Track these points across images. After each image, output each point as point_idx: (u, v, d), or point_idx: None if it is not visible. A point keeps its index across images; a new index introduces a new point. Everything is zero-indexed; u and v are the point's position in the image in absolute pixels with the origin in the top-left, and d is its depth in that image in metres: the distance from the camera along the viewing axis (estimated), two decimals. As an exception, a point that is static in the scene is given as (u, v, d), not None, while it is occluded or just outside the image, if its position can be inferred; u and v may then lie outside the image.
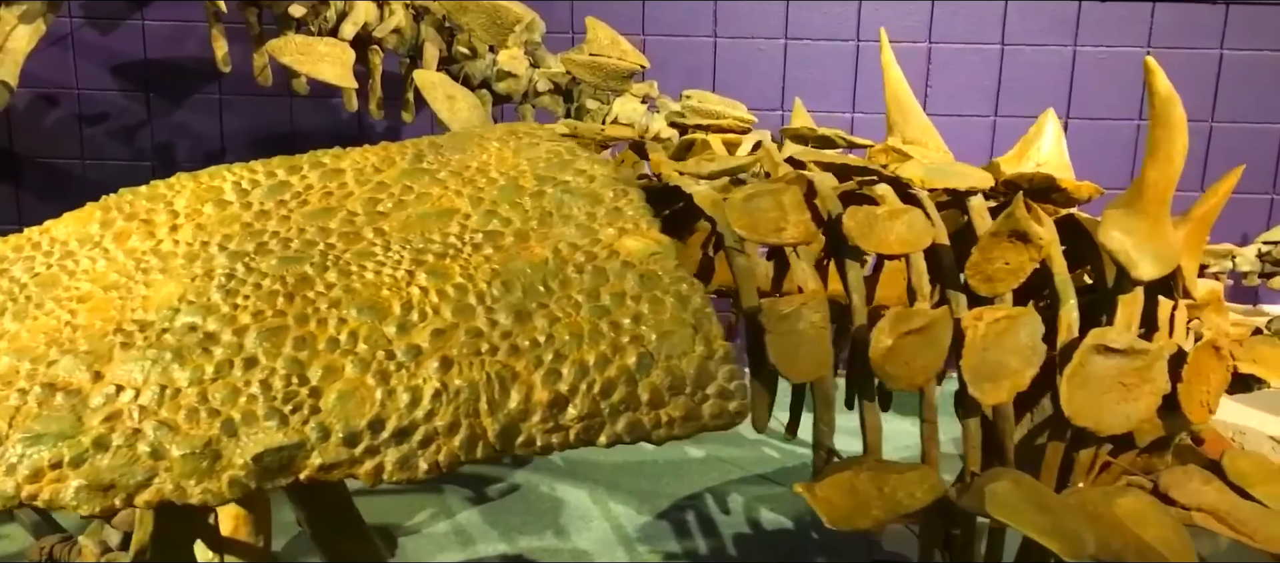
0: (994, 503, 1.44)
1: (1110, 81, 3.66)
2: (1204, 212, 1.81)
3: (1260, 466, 1.84)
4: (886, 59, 2.41)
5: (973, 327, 1.58)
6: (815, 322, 1.46)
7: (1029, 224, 1.59)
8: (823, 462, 1.51)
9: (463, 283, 1.36)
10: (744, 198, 1.54)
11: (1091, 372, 1.64)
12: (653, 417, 1.28)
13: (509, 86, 2.81)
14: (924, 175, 1.75)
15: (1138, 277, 1.68)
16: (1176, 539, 1.57)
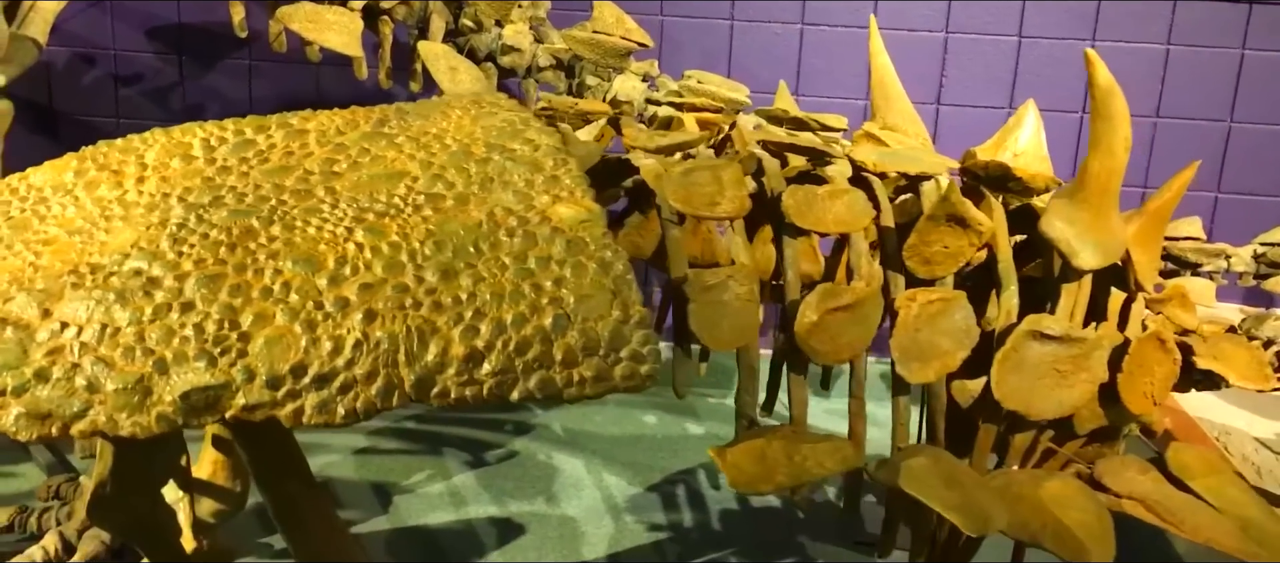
0: (906, 477, 1.48)
1: (1126, 78, 3.61)
2: (1158, 206, 1.83)
3: (1204, 459, 1.86)
4: (874, 45, 2.44)
5: (906, 307, 1.62)
6: (741, 293, 1.51)
7: (965, 209, 1.62)
8: (743, 429, 1.56)
9: (397, 241, 1.43)
10: (683, 172, 1.59)
11: (1026, 357, 1.68)
12: (565, 375, 1.35)
13: (513, 60, 2.88)
14: (878, 159, 1.78)
15: (1079, 266, 1.70)
16: (1097, 524, 1.60)
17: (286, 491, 1.50)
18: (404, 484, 3.21)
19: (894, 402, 1.67)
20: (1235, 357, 2.08)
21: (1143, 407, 1.82)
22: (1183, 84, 3.63)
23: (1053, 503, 1.61)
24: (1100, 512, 1.65)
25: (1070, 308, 1.75)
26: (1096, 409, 1.80)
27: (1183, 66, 3.62)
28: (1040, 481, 1.67)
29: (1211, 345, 2.08)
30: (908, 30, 3.67)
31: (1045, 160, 2.28)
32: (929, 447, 1.64)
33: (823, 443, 1.55)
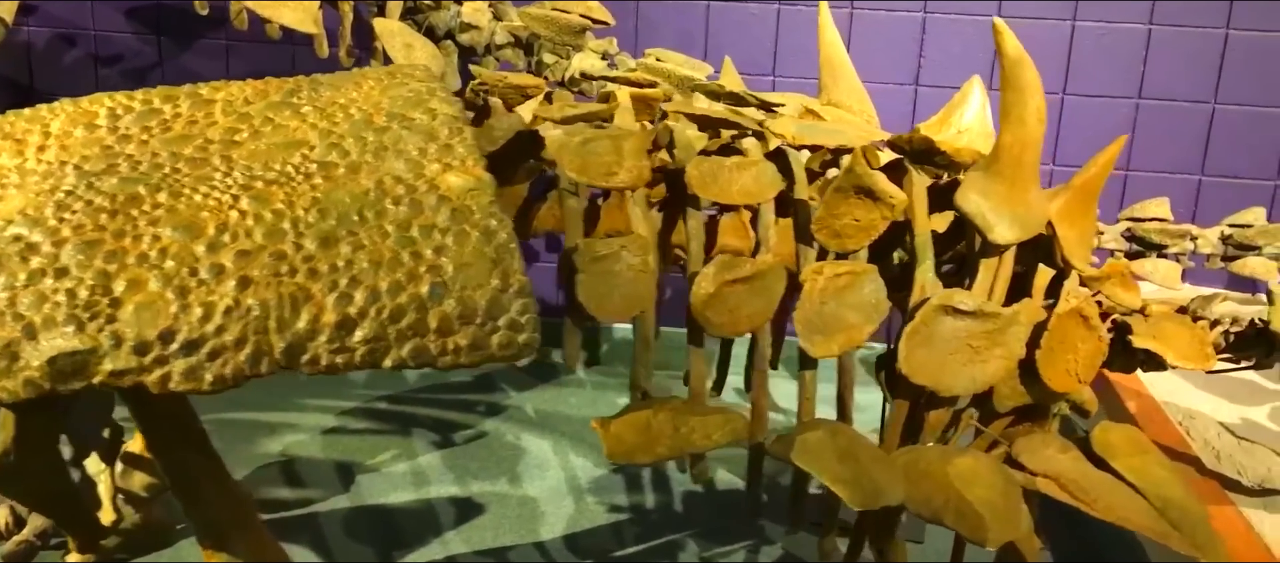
0: (799, 451, 1.46)
1: (1109, 59, 3.59)
2: (1084, 180, 1.80)
3: (1130, 438, 1.84)
4: (823, 20, 2.41)
5: (812, 280, 1.60)
6: (634, 264, 1.50)
7: (873, 180, 1.60)
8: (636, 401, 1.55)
9: (281, 209, 1.42)
10: (582, 141, 1.57)
11: (937, 331, 1.65)
12: (439, 344, 1.34)
13: (472, 38, 2.87)
14: (796, 132, 1.76)
15: (994, 240, 1.68)
16: (1002, 502, 1.57)
17: (178, 458, 1.50)
18: (368, 464, 3.22)
19: (801, 376, 1.65)
20: (1176, 337, 2.04)
21: (1066, 385, 1.79)
22: (1165, 65, 3.58)
23: (958, 480, 1.59)
24: (1008, 490, 1.63)
25: (989, 283, 1.72)
26: (1017, 387, 1.78)
27: (1165, 48, 3.56)
28: (950, 457, 1.64)
29: (1152, 325, 2.05)
30: (886, 9, 3.64)
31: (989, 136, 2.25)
32: (830, 421, 1.62)
33: (713, 416, 1.53)
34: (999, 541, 1.55)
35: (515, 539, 2.89)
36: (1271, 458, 2.52)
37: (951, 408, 1.75)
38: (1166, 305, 2.17)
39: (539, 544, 2.88)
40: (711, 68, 3.02)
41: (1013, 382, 1.76)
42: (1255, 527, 2.23)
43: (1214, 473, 2.46)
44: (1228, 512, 2.28)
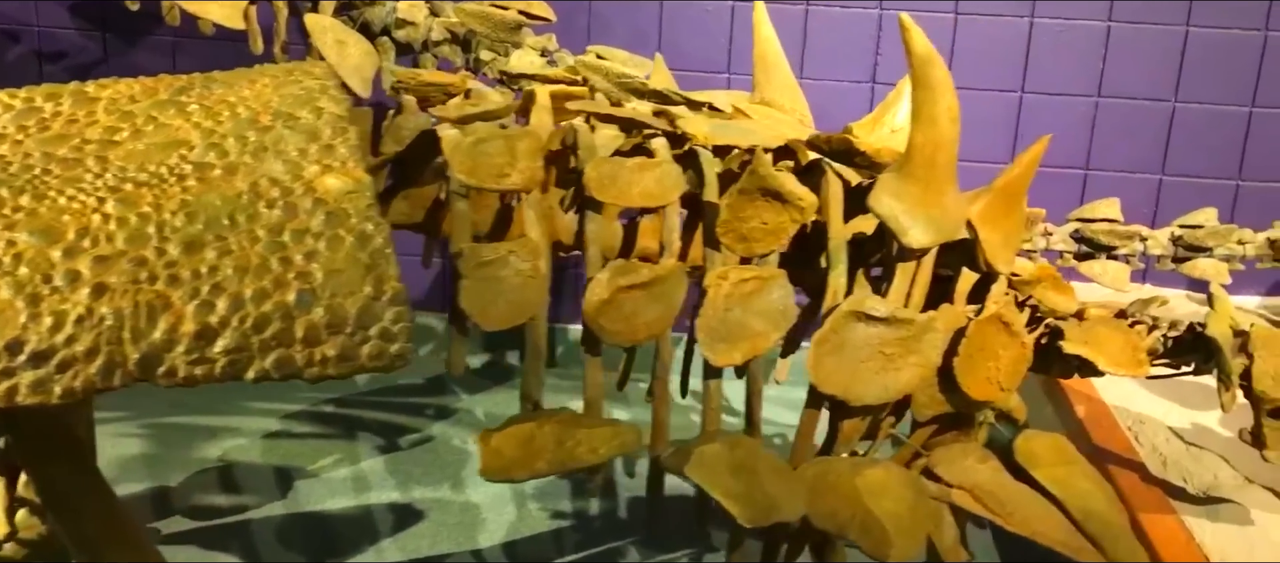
0: (693, 464, 1.40)
1: (1068, 55, 3.54)
2: (1006, 182, 1.74)
3: (1055, 448, 1.78)
4: (758, 16, 2.36)
5: (716, 286, 1.54)
6: (522, 270, 1.44)
7: (778, 182, 1.54)
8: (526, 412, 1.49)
9: (148, 212, 1.36)
10: (474, 142, 1.51)
11: (848, 339, 1.60)
12: (306, 355, 1.27)
13: (408, 35, 2.80)
14: (709, 131, 1.70)
15: (908, 243, 1.62)
16: (909, 516, 1.52)
17: (47, 471, 1.44)
18: (309, 469, 3.15)
19: (706, 385, 1.59)
20: (1109, 342, 1.99)
21: (987, 393, 1.74)
22: (1125, 63, 3.52)
23: (866, 492, 1.53)
24: (918, 503, 1.57)
25: (905, 288, 1.66)
26: (936, 395, 1.72)
27: (1124, 45, 3.50)
28: (860, 469, 1.58)
29: (1085, 330, 1.99)
30: (840, 5, 3.58)
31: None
32: (732, 434, 1.56)
33: (602, 428, 1.47)
34: (902, 556, 1.49)
35: (452, 546, 2.83)
36: (1219, 465, 2.46)
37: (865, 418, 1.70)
38: (1106, 309, 2.12)
39: (476, 552, 2.82)
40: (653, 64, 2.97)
41: (931, 390, 1.71)
42: (1197, 536, 2.17)
43: (1159, 480, 2.41)
44: (1169, 521, 2.23)
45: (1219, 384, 2.02)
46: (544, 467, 1.41)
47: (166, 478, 3.05)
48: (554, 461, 1.41)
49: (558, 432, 1.43)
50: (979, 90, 3.60)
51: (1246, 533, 2.19)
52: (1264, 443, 2.05)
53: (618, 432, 1.47)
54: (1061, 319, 2.01)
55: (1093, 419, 2.71)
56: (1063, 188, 3.62)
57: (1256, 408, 2.04)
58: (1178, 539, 2.17)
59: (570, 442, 1.43)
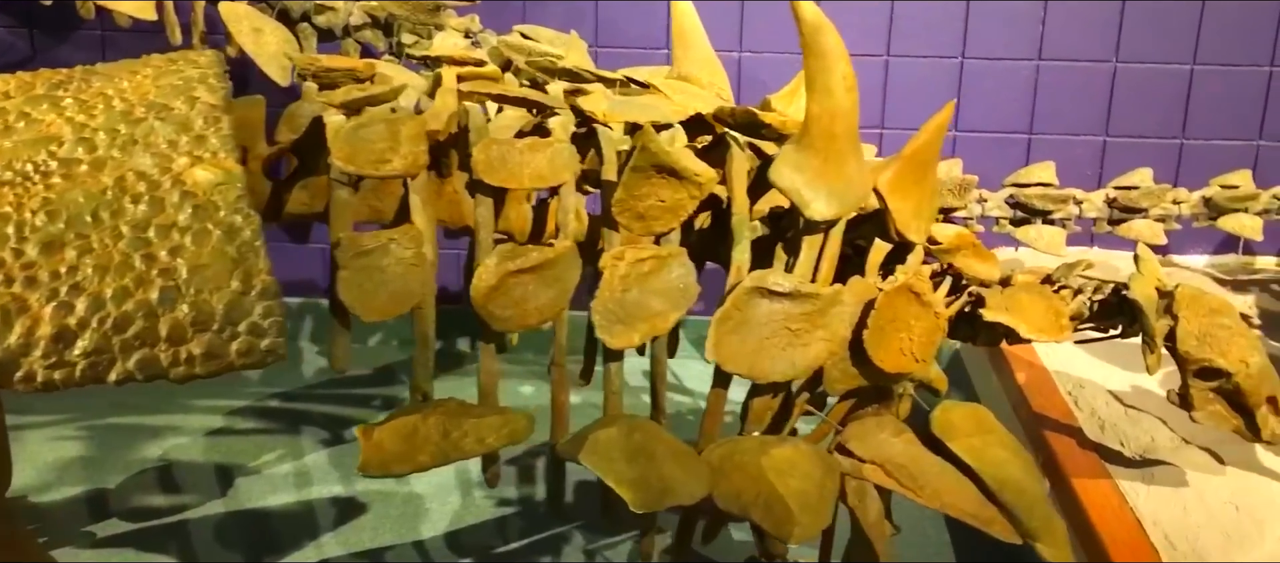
0: (587, 450, 1.37)
1: (1007, 24, 3.50)
2: (913, 150, 1.71)
3: (972, 417, 1.75)
4: (676, -8, 2.31)
5: (612, 266, 1.51)
6: (405, 258, 1.39)
7: (672, 158, 1.50)
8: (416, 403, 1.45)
9: (8, 212, 1.31)
10: (354, 127, 1.46)
11: (751, 315, 1.56)
12: (171, 354, 1.23)
13: (328, 20, 2.75)
14: (609, 109, 1.66)
15: (811, 216, 1.58)
16: (815, 493, 1.49)
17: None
18: (251, 466, 3.11)
19: (605, 369, 1.55)
20: (1031, 308, 1.96)
21: (901, 364, 1.70)
22: (1064, 25, 3.49)
23: (772, 471, 1.49)
24: (825, 481, 1.54)
25: (812, 261, 1.63)
26: (849, 369, 1.69)
27: (1063, 6, 3.47)
28: (768, 448, 1.55)
29: (1006, 297, 1.96)
30: (781, -19, 3.52)
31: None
32: (631, 417, 1.53)
33: (490, 418, 1.43)
34: (805, 535, 1.46)
35: (394, 538, 2.79)
36: (1157, 427, 2.45)
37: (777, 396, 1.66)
38: (1032, 275, 2.09)
39: (418, 543, 2.78)
40: (585, 44, 2.92)
41: (843, 364, 1.67)
42: (1130, 500, 2.16)
43: (1096, 444, 2.39)
44: (1103, 485, 2.21)
45: (1144, 346, 2.00)
46: (427, 460, 1.37)
47: (105, 480, 3.00)
48: (437, 453, 1.38)
49: (443, 423, 1.40)
50: (921, 57, 3.56)
51: (1180, 494, 2.18)
52: (1191, 404, 2.04)
53: (507, 421, 1.44)
54: (984, 287, 1.99)
55: (1033, 385, 2.69)
56: (1008, 153, 3.59)
57: (1182, 369, 2.02)
58: (1111, 503, 2.15)
59: (456, 433, 1.39)
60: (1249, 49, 3.47)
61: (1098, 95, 3.56)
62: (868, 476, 1.62)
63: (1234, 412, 2.04)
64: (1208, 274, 3.53)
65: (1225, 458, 2.30)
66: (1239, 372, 1.98)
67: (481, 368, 1.52)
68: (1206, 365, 1.98)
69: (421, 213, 1.47)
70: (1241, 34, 3.46)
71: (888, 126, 3.64)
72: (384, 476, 1.33)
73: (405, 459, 1.36)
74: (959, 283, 1.99)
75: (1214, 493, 2.18)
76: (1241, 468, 2.27)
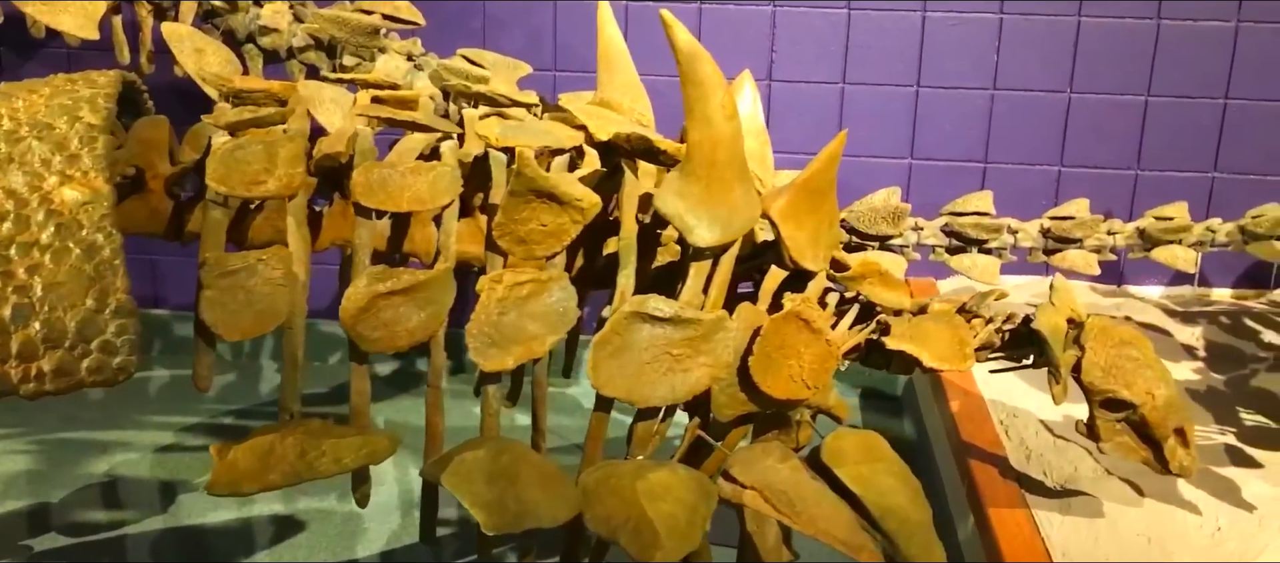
0: (449, 472, 1.38)
1: (961, 50, 3.52)
2: (806, 178, 1.72)
3: (863, 445, 1.76)
4: (603, 16, 2.32)
5: (489, 290, 1.52)
6: (272, 278, 1.41)
7: (550, 184, 1.52)
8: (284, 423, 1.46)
9: (-122, 228, 1.33)
10: (230, 149, 1.48)
11: (631, 340, 1.57)
12: (21, 370, 1.25)
13: (272, 41, 2.78)
14: (500, 133, 1.67)
15: (694, 243, 1.60)
16: (685, 518, 1.49)
17: None
18: (195, 482, 3.12)
19: (482, 391, 1.56)
20: (935, 337, 1.96)
21: (791, 391, 1.71)
22: (1019, 55, 3.51)
23: (645, 495, 1.50)
24: (698, 506, 1.55)
25: (699, 287, 1.64)
26: (737, 395, 1.69)
27: (1018, 36, 3.49)
28: (644, 472, 1.56)
29: (911, 326, 1.97)
30: (734, 4, 3.56)
31: (762, 134, 2.18)
32: (501, 440, 1.54)
33: (351, 438, 1.44)
34: (668, 557, 1.47)
35: (327, 556, 2.80)
36: (1082, 458, 2.45)
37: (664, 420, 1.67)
38: (947, 304, 2.10)
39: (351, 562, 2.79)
40: (530, 68, 2.95)
41: (731, 390, 1.68)
42: (1043, 529, 2.16)
43: (1018, 474, 2.39)
44: (1018, 515, 2.21)
45: (1049, 377, 2.00)
46: (277, 479, 1.38)
47: (48, 495, 3.01)
48: (290, 473, 1.39)
49: (301, 443, 1.41)
50: (875, 85, 3.58)
51: (1094, 525, 2.18)
52: (1098, 435, 2.04)
53: (367, 442, 1.45)
54: (893, 314, 1.99)
55: (965, 414, 2.69)
56: (964, 182, 3.59)
57: (1088, 399, 2.03)
58: (1023, 533, 2.15)
59: (313, 453, 1.40)
60: (1204, 82, 3.48)
61: (1052, 125, 3.57)
62: (747, 501, 1.63)
63: (1142, 443, 2.04)
64: (1161, 305, 3.53)
65: (1145, 489, 2.30)
66: (1145, 403, 1.98)
67: (352, 388, 1.54)
68: (1111, 396, 1.99)
69: (295, 234, 1.48)
70: (1196, 66, 3.46)
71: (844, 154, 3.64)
72: (232, 494, 1.34)
73: (255, 478, 1.37)
74: (871, 310, 2.01)
75: (1128, 524, 2.18)
76: (1159, 499, 2.26)
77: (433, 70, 2.75)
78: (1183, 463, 2.02)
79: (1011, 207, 2.97)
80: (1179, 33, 3.43)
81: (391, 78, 2.68)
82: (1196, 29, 3.42)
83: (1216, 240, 2.72)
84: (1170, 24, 3.44)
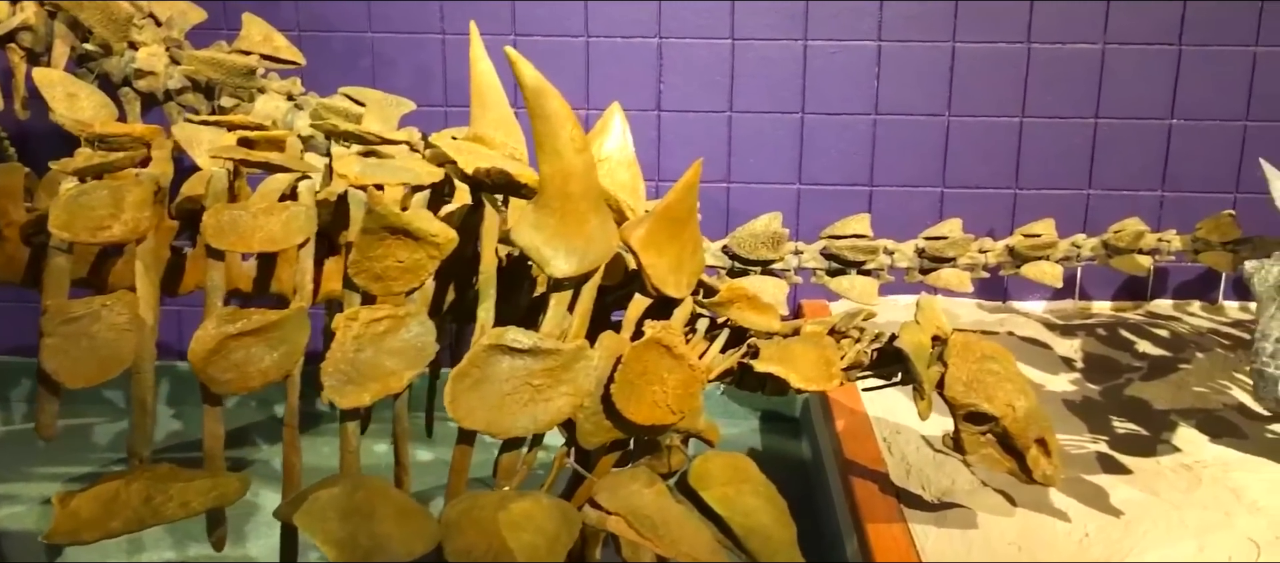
0: (302, 511, 1.38)
1: (843, 77, 3.61)
2: (665, 206, 1.76)
3: (729, 467, 1.80)
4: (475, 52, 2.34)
5: (345, 327, 1.53)
6: (117, 323, 1.41)
7: (402, 221, 1.53)
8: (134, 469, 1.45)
9: None
10: (75, 195, 1.48)
11: (491, 372, 1.59)
12: None
13: (149, 84, 2.76)
14: (359, 172, 1.69)
15: (552, 274, 1.62)
16: (546, 546, 1.51)
17: None
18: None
19: (342, 428, 1.57)
20: (802, 358, 2.01)
21: (656, 416, 1.74)
22: (898, 81, 3.60)
23: (507, 525, 1.52)
24: (560, 534, 1.57)
25: (560, 318, 1.66)
26: (602, 423, 1.72)
27: (896, 63, 3.59)
28: (507, 502, 1.58)
29: (779, 348, 2.01)
30: (621, 37, 3.61)
31: (633, 164, 2.21)
32: (359, 477, 1.55)
33: (199, 482, 1.44)
34: (527, 588, 1.49)
35: (214, 602, 2.75)
36: (959, 471, 2.52)
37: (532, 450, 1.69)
38: (819, 325, 2.15)
39: (235, 607, 2.75)
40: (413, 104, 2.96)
41: (596, 418, 1.71)
42: (919, 542, 2.21)
43: (898, 489, 2.45)
44: (896, 529, 2.26)
45: (914, 393, 2.06)
46: (119, 526, 1.37)
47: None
48: (133, 519, 1.38)
49: (147, 488, 1.40)
50: (761, 113, 3.65)
51: (968, 536, 2.24)
52: (963, 447, 2.10)
53: (216, 485, 1.44)
54: (764, 337, 2.04)
55: (849, 432, 2.75)
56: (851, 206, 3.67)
57: (953, 413, 2.09)
58: (898, 547, 2.20)
59: (159, 498, 1.40)
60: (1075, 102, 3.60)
61: (933, 147, 3.67)
62: (611, 527, 1.65)
63: (1006, 454, 2.10)
64: (1043, 319, 3.64)
65: (1018, 499, 2.37)
66: (1006, 416, 2.04)
67: (206, 431, 1.53)
68: (974, 410, 2.05)
69: (143, 278, 1.48)
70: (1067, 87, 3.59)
71: (733, 181, 3.72)
72: (72, 543, 1.33)
73: (97, 526, 1.36)
74: (743, 335, 2.05)
75: (1000, 534, 2.24)
76: (1031, 509, 2.33)
77: (313, 109, 2.76)
78: (1046, 472, 2.09)
79: (899, 228, 3.06)
80: (1049, 55, 3.55)
81: (272, 118, 2.69)
82: (1065, 52, 3.55)
83: (1082, 255, 2.83)
84: (1041, 47, 3.56)
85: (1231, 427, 2.73)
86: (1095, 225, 3.49)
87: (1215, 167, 3.62)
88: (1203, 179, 3.63)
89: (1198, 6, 3.50)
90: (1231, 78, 3.55)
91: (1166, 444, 2.63)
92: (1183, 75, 3.55)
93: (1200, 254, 2.88)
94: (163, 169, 1.72)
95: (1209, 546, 2.19)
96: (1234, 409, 2.83)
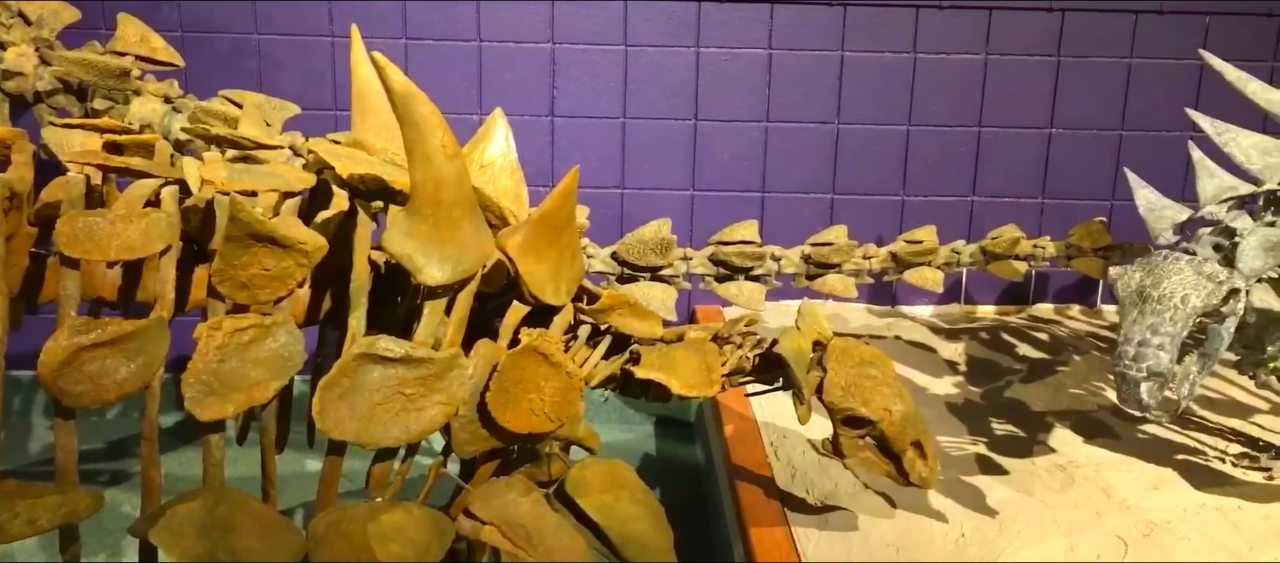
0: (159, 527, 1.34)
1: (735, 83, 3.64)
2: (542, 213, 1.75)
3: (607, 474, 1.79)
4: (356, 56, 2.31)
5: (208, 336, 1.49)
6: (-42, 334, 1.35)
7: (267, 228, 1.50)
8: None
9: None
10: (-82, 202, 1.42)
11: (362, 382, 1.57)
12: None
13: (18, 86, 2.66)
14: (227, 177, 1.65)
15: (424, 281, 1.60)
16: (415, 556, 1.50)
17: None
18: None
19: (204, 441, 1.53)
20: (683, 365, 2.01)
21: (533, 425, 1.73)
22: (789, 89, 3.65)
23: (375, 538, 1.50)
24: (432, 545, 1.55)
25: (433, 326, 1.64)
26: (478, 431, 1.70)
27: (786, 72, 3.63)
28: (377, 514, 1.55)
29: (660, 355, 2.02)
30: (514, 42, 3.59)
31: (516, 170, 2.20)
32: (220, 490, 1.51)
33: (48, 498, 1.40)
34: (394, 601, 1.47)
35: (92, 621, 2.67)
36: (843, 475, 2.55)
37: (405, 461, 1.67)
38: (703, 331, 2.16)
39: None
40: (297, 108, 2.91)
41: (472, 427, 1.69)
42: (801, 545, 2.23)
43: (783, 493, 2.47)
44: (778, 533, 2.28)
45: (793, 398, 2.08)
46: (-40, 545, 1.33)
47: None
48: (-24, 535, 1.33)
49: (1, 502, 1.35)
50: (655, 119, 3.67)
51: (848, 538, 2.27)
52: (841, 451, 2.13)
53: (67, 501, 1.40)
54: (646, 344, 2.04)
55: (737, 437, 2.77)
56: (745, 211, 3.70)
57: (831, 418, 2.11)
58: (780, 550, 2.22)
59: (5, 515, 1.35)
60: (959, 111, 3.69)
61: (823, 154, 3.72)
62: (485, 537, 1.64)
63: (884, 458, 2.14)
64: (930, 323, 3.71)
65: (898, 502, 2.41)
66: (883, 419, 2.08)
67: (57, 445, 1.48)
68: (852, 414, 2.07)
69: (-8, 287, 1.43)
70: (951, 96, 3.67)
71: (628, 187, 3.73)
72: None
73: (-63, 545, 1.31)
74: (625, 341, 2.05)
75: (879, 536, 2.28)
76: (911, 511, 2.37)
77: (191, 112, 2.69)
78: (922, 474, 2.13)
79: (792, 234, 3.10)
80: (934, 65, 3.63)
81: (148, 121, 2.62)
82: (950, 62, 3.63)
83: (962, 261, 2.89)
84: (926, 57, 3.63)
85: (1105, 427, 2.81)
86: (979, 231, 3.57)
87: (1092, 174, 3.74)
88: (1080, 186, 3.74)
89: (1076, 19, 3.60)
90: (1107, 89, 3.67)
91: (1042, 445, 2.70)
92: (1061, 86, 3.66)
93: (1073, 260, 2.97)
94: (20, 174, 1.65)
95: (1080, 544, 2.25)
96: (1108, 410, 2.91)
